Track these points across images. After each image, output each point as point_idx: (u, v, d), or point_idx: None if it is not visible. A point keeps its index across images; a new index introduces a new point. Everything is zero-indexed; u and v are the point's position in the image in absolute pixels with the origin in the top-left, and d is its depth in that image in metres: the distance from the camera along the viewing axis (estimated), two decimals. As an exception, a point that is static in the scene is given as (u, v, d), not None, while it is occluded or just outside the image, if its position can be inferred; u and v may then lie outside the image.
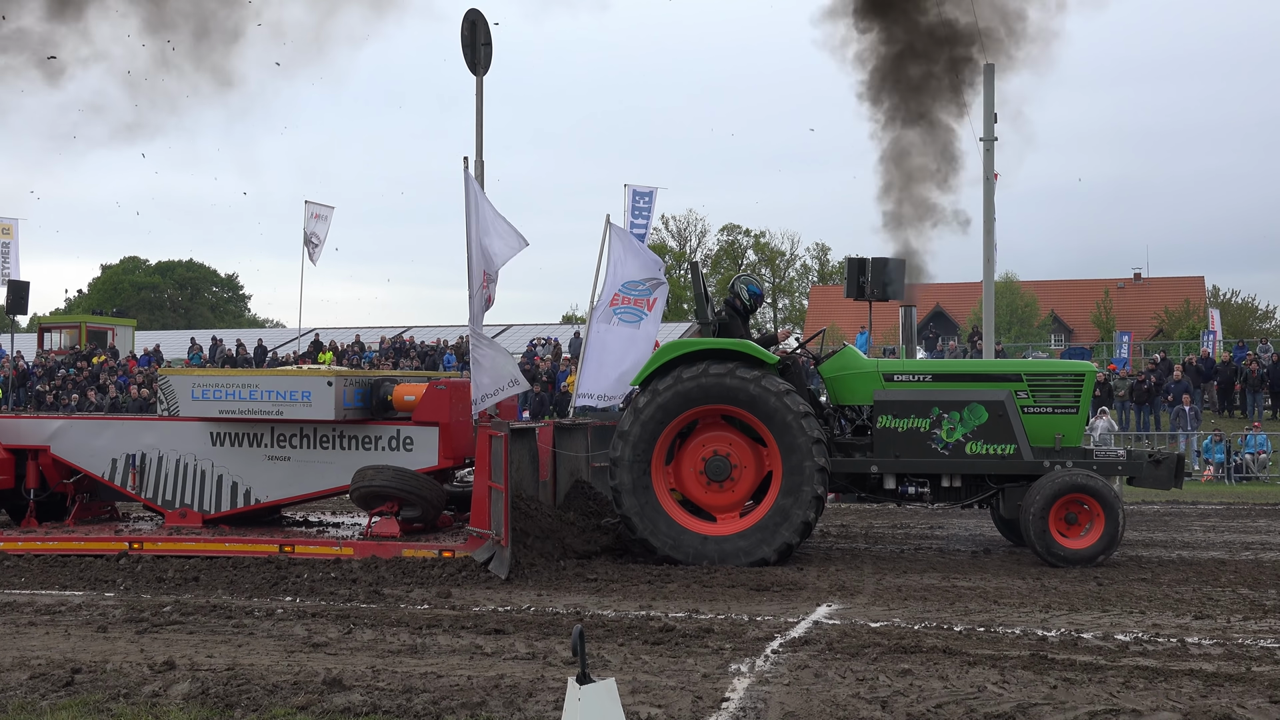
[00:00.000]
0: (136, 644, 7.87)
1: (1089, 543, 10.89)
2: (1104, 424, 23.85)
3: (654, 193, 31.91)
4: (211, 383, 11.95)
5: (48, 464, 12.54)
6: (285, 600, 9.40)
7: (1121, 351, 35.78)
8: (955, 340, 36.21)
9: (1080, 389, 11.58)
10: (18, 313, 36.54)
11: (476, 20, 17.11)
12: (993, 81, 21.14)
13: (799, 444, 10.99)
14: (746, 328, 12.29)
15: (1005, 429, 11.36)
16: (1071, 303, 56.58)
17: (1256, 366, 28.13)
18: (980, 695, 6.33)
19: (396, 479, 11.30)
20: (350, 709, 6.17)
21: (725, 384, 11.15)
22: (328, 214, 35.34)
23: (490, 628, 8.13)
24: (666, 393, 11.25)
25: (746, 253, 74.98)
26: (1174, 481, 11.59)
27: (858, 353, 12.20)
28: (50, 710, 6.22)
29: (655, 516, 11.16)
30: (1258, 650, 7.42)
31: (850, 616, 8.56)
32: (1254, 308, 58.82)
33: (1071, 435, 11.51)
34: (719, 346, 11.41)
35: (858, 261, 18.39)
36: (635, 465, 11.21)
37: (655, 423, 11.26)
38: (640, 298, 13.74)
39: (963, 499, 11.64)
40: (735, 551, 11.00)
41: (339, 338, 41.28)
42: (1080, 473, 11.03)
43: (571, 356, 30.78)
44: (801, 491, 10.98)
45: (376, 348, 38.47)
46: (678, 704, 6.19)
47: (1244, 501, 18.22)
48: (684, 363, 11.36)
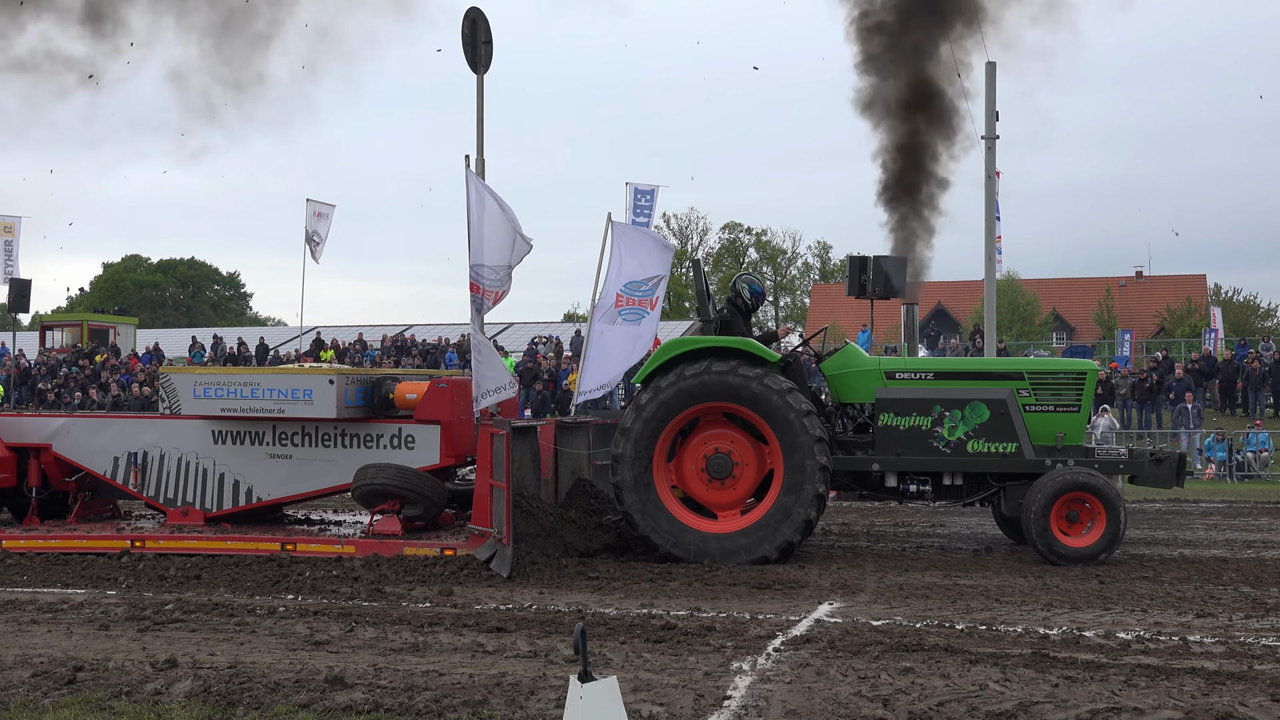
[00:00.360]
0: (138, 642, 7.87)
1: (1090, 541, 10.89)
2: (1105, 422, 23.85)
3: (655, 191, 31.93)
4: (213, 381, 11.96)
5: (49, 462, 12.55)
6: (287, 598, 9.41)
7: (1123, 350, 35.77)
8: (957, 338, 36.19)
9: (1082, 387, 11.58)
10: (19, 311, 36.55)
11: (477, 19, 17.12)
12: (994, 81, 21.16)
13: (801, 442, 10.99)
14: (748, 326, 12.29)
15: (1007, 427, 11.36)
16: (1073, 301, 56.54)
17: (1258, 365, 28.13)
18: (982, 693, 6.33)
19: (398, 477, 11.31)
20: (352, 707, 6.17)
21: (728, 381, 11.15)
22: (329, 212, 35.30)
23: (492, 626, 8.13)
24: (669, 390, 11.25)
25: (748, 251, 74.99)
26: (1175, 480, 11.60)
27: (860, 350, 12.20)
28: (52, 708, 6.23)
29: (656, 513, 11.17)
30: (1260, 648, 7.42)
31: (852, 615, 8.56)
32: (1256, 306, 58.78)
33: (1073, 434, 11.51)
34: (721, 344, 11.41)
35: (859, 260, 18.37)
36: (637, 462, 11.21)
37: (657, 420, 11.26)
38: (644, 297, 13.77)
39: (964, 497, 11.65)
40: (736, 549, 11.00)
41: (340, 336, 41.30)
42: (1082, 471, 11.03)
43: (573, 355, 30.79)
44: (803, 490, 10.98)
45: (378, 346, 38.49)
46: (679, 702, 6.19)
47: (1246, 500, 18.22)
48: (686, 360, 11.36)
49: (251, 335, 44.85)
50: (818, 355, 12.35)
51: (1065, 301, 56.38)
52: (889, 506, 16.45)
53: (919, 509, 16.07)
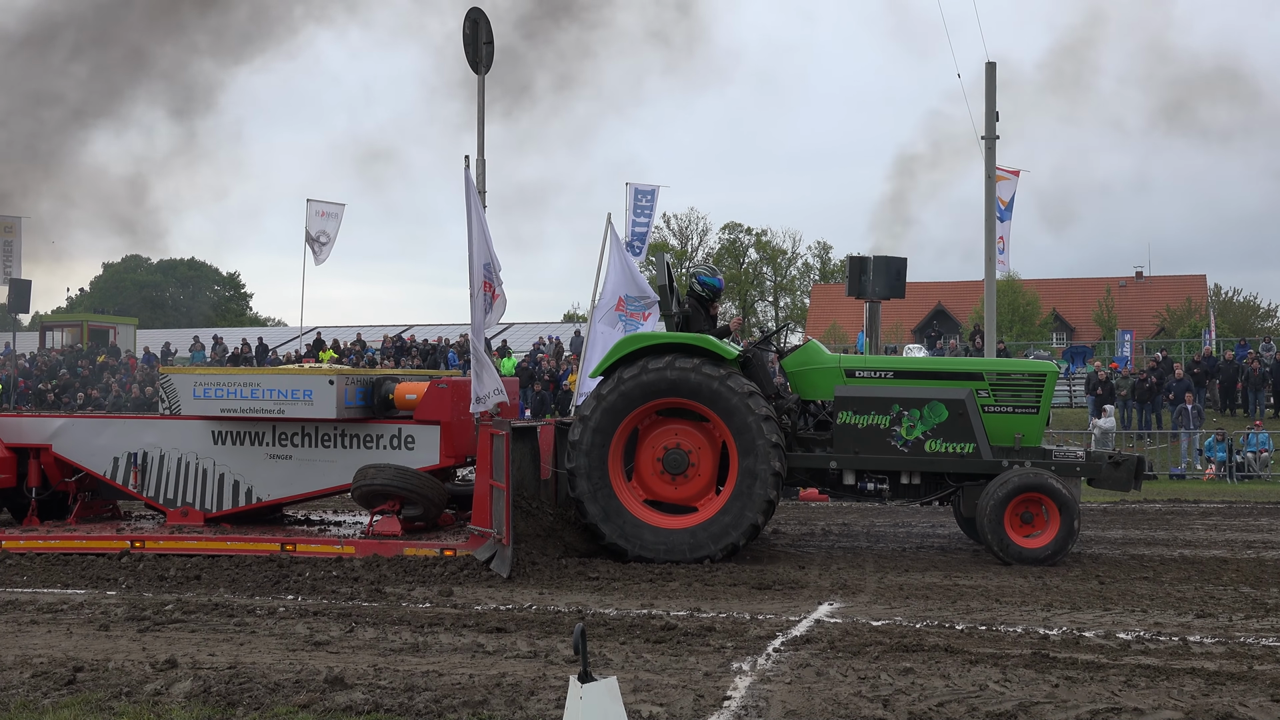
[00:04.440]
0: (138, 642, 7.87)
1: (1044, 542, 10.87)
2: (1106, 423, 23.84)
3: (656, 191, 31.89)
4: (213, 381, 11.96)
5: (49, 463, 12.55)
6: (287, 599, 9.41)
7: (1123, 350, 35.77)
8: (956, 339, 36.18)
9: (1041, 389, 11.59)
10: (19, 311, 36.53)
11: (479, 19, 17.12)
12: (994, 81, 21.17)
13: (757, 446, 11.00)
14: (709, 319, 12.26)
15: (965, 427, 11.37)
16: (1073, 301, 56.55)
17: (1258, 365, 28.13)
18: (982, 694, 6.33)
19: (398, 478, 11.31)
20: (352, 707, 6.17)
21: (690, 379, 11.13)
22: (337, 211, 35.12)
23: (492, 626, 8.13)
24: (631, 381, 11.24)
25: (748, 251, 74.94)
26: (1134, 483, 11.56)
27: (820, 348, 12.22)
28: (52, 709, 6.23)
29: (608, 500, 11.15)
30: (1260, 649, 7.42)
31: (852, 615, 8.56)
32: (1256, 306, 58.83)
33: (1031, 435, 11.52)
34: (678, 341, 11.41)
35: (859, 260, 18.36)
36: (593, 451, 11.18)
37: (616, 411, 11.23)
38: (637, 311, 14.02)
39: (921, 496, 11.67)
40: (681, 545, 10.99)
41: (340, 336, 41.27)
42: (1036, 472, 11.03)
43: (574, 355, 30.78)
44: (753, 494, 10.99)
45: (378, 346, 38.48)
46: (679, 702, 6.19)
47: (1246, 500, 18.20)
48: (650, 354, 11.36)
49: (252, 335, 44.85)
50: (780, 351, 12.35)
51: (1065, 302, 56.39)
52: (889, 507, 16.45)
53: (919, 509, 16.06)
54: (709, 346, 11.34)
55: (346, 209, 34.49)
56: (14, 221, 35.71)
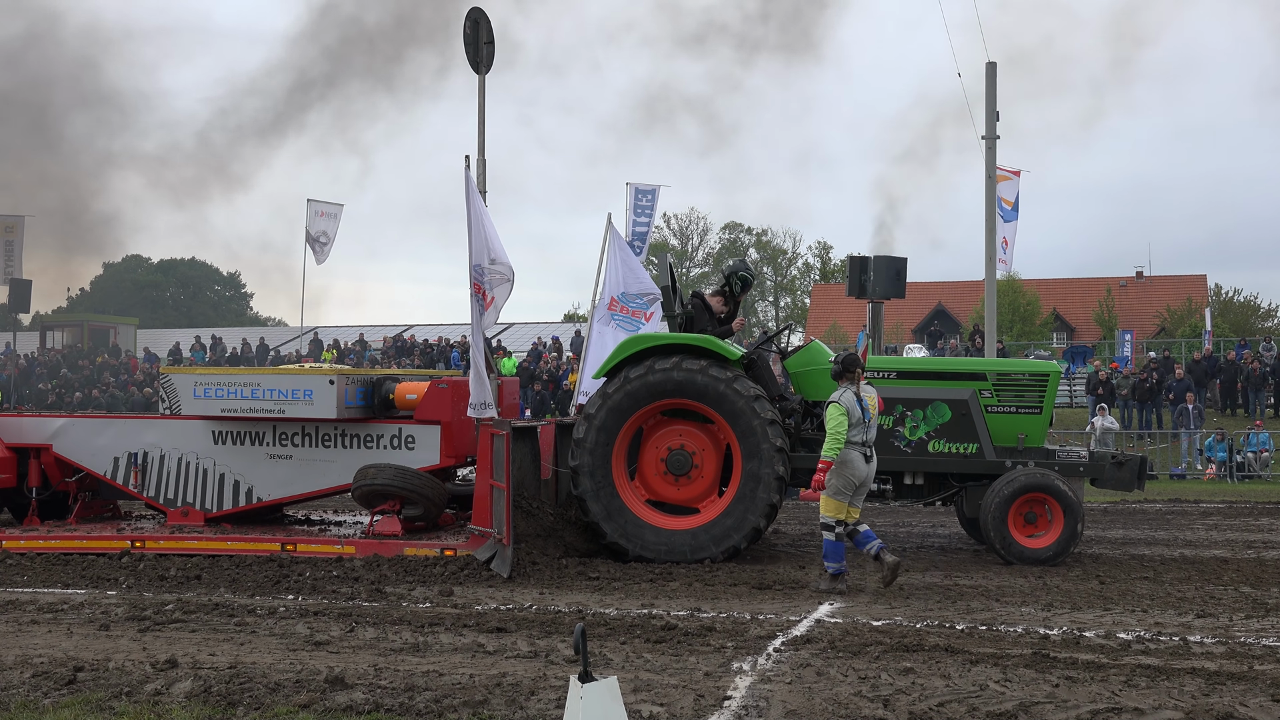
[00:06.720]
0: (139, 642, 7.87)
1: (1048, 542, 10.88)
2: (1105, 422, 23.84)
3: (656, 190, 31.90)
4: (213, 381, 11.96)
5: (50, 462, 12.55)
6: (287, 599, 9.41)
7: (1124, 350, 35.77)
8: (956, 339, 36.17)
9: (1044, 389, 11.59)
10: (20, 311, 36.54)
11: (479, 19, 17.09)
12: (994, 81, 21.16)
13: (761, 449, 10.99)
14: (713, 320, 12.21)
15: (968, 428, 11.37)
16: (1074, 301, 56.52)
17: (1259, 365, 28.12)
18: (982, 694, 6.33)
19: (398, 477, 11.31)
20: (352, 707, 6.17)
21: (697, 381, 11.13)
22: (336, 212, 35.19)
23: (492, 626, 8.13)
24: (637, 381, 11.23)
25: (748, 251, 74.94)
26: (1136, 483, 11.57)
27: (823, 348, 12.22)
28: (53, 708, 6.23)
29: (610, 499, 11.15)
30: (1260, 649, 7.42)
31: (852, 615, 8.56)
32: (1256, 306, 58.78)
33: (1034, 435, 11.52)
34: (685, 342, 11.40)
35: (860, 260, 18.36)
36: (597, 450, 11.18)
37: (622, 410, 11.24)
38: (638, 309, 13.96)
39: (925, 497, 11.67)
40: (682, 547, 10.98)
41: (341, 336, 41.29)
42: (1042, 473, 11.03)
43: (574, 354, 30.78)
44: (756, 498, 10.99)
45: (378, 346, 38.48)
46: (680, 702, 6.19)
47: (1246, 500, 18.20)
48: (657, 354, 11.35)
49: (252, 335, 44.84)
50: (783, 351, 12.36)
51: (1066, 302, 56.36)
52: (890, 507, 16.44)
53: (920, 509, 16.07)
54: (715, 348, 11.33)
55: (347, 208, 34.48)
56: (16, 221, 35.72)
